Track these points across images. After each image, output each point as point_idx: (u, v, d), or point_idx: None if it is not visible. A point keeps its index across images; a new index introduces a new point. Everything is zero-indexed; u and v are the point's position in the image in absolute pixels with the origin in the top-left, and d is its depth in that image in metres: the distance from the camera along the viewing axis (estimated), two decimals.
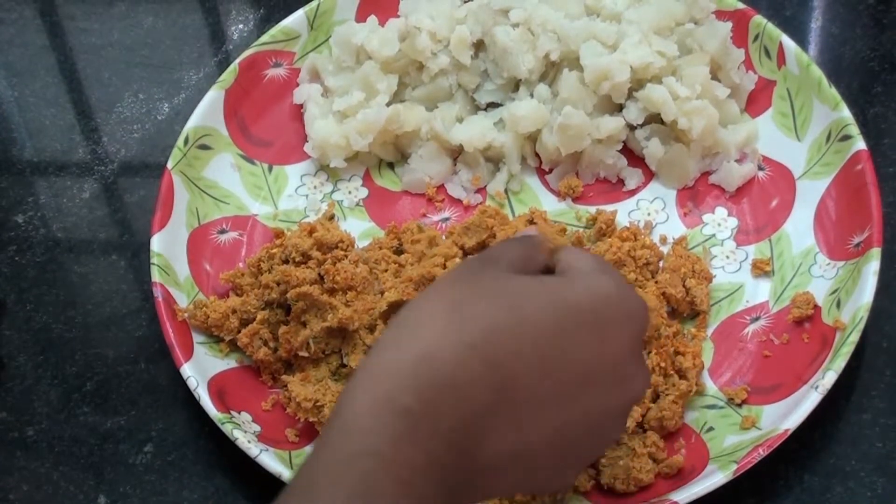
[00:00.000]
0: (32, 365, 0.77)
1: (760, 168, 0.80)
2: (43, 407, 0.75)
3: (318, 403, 0.68)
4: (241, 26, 0.96)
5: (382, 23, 0.87)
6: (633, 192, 0.81)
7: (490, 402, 0.48)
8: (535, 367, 0.49)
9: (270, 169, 0.84)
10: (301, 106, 0.86)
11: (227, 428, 0.67)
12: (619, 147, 0.81)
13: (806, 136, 0.79)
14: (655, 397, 0.68)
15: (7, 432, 0.74)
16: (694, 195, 0.80)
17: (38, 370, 0.77)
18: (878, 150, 0.79)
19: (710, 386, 0.71)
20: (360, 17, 0.88)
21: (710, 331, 0.73)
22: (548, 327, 0.50)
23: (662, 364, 0.69)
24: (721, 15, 0.83)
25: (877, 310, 0.69)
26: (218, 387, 0.70)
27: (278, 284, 0.72)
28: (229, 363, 0.73)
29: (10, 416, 0.75)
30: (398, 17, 0.87)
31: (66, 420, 0.75)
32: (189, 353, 0.71)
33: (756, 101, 0.82)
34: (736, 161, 0.80)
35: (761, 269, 0.75)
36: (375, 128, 0.81)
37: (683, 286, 0.73)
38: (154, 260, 0.75)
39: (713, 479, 0.63)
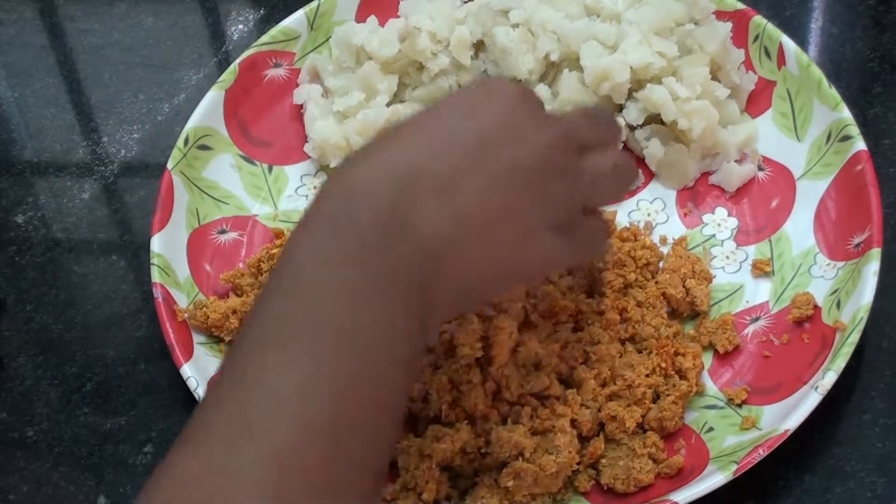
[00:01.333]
0: (32, 365, 0.77)
1: (760, 168, 0.80)
2: (43, 407, 0.75)
3: None
4: (241, 26, 0.96)
5: (382, 23, 0.87)
6: (633, 193, 0.81)
7: (401, 193, 0.52)
8: (434, 150, 0.54)
9: (270, 169, 0.84)
10: (301, 106, 0.86)
11: None
12: (619, 148, 0.81)
13: (806, 136, 0.79)
14: (655, 398, 0.68)
15: (7, 432, 0.74)
16: (694, 195, 0.80)
17: (38, 370, 0.77)
18: (878, 150, 0.79)
19: (710, 386, 0.71)
20: (360, 17, 0.88)
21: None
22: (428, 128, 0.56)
23: (662, 364, 0.69)
24: (721, 15, 0.83)
25: (877, 310, 0.69)
26: None
27: None
28: None
29: (10, 416, 0.75)
30: (398, 17, 0.87)
31: (66, 420, 0.75)
32: (189, 354, 0.71)
33: (756, 102, 0.82)
34: (736, 161, 0.80)
35: (761, 270, 0.75)
36: (375, 128, 0.81)
37: (683, 286, 0.73)
38: (154, 260, 0.75)
39: (713, 479, 0.63)
